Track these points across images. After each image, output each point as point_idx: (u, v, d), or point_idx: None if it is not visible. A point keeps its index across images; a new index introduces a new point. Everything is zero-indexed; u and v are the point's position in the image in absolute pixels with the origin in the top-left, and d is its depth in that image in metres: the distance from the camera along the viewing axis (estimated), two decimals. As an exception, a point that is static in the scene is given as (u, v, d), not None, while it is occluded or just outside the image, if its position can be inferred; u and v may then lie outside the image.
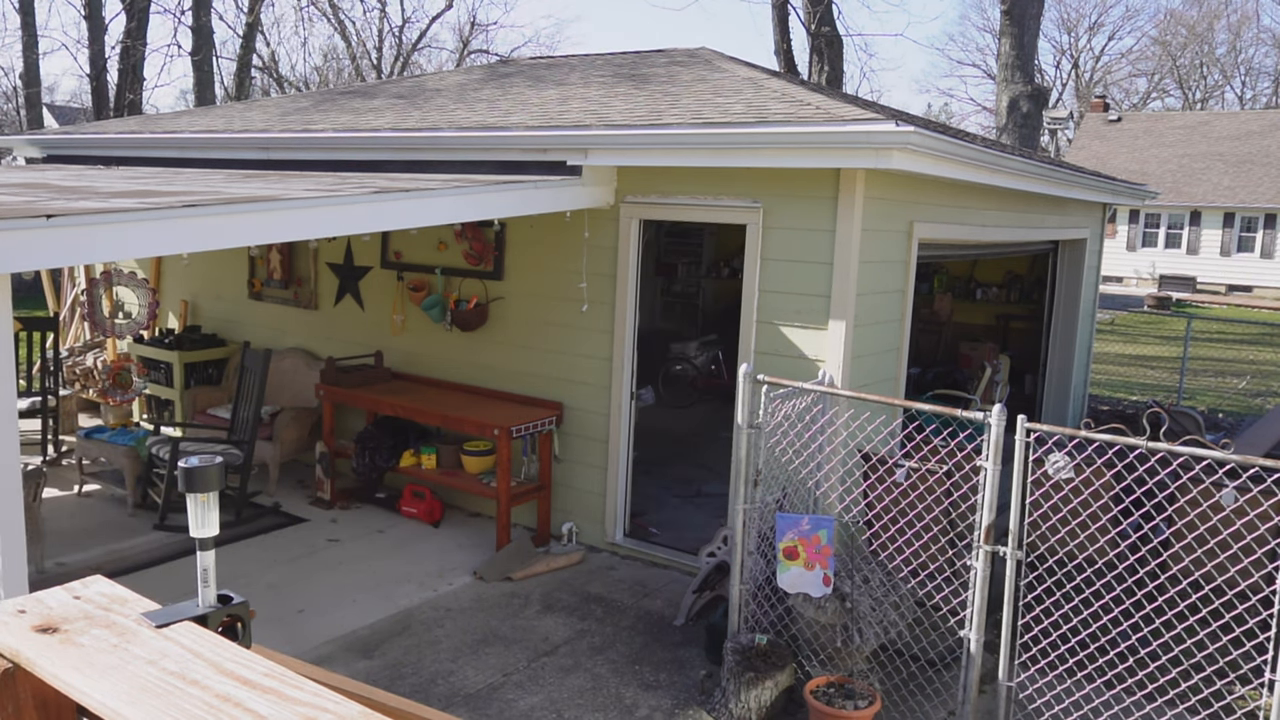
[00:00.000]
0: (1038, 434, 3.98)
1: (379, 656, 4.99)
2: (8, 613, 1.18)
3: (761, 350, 5.74)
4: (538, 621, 5.45)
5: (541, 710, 4.53)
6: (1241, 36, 48.17)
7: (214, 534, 1.27)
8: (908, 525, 4.65)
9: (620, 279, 6.30)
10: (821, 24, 17.93)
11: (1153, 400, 11.74)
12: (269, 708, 0.98)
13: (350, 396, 7.02)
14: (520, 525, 6.84)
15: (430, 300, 7.07)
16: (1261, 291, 28.52)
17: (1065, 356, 9.50)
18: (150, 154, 8.56)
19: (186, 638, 1.14)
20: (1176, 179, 30.03)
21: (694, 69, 7.75)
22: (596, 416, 6.49)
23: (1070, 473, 4.48)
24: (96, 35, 20.63)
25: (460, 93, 8.37)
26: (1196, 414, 9.82)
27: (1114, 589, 4.21)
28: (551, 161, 6.04)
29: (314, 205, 4.51)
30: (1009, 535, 4.01)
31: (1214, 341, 18.43)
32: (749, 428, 4.66)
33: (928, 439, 4.73)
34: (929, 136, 5.16)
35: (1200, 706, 4.35)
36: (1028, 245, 9.11)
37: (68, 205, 3.82)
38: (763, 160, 5.43)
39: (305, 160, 7.35)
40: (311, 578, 5.95)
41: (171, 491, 6.75)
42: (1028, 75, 16.47)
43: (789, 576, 4.49)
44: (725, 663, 4.55)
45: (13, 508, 3.49)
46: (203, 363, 8.54)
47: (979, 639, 4.14)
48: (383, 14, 32.96)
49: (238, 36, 25.11)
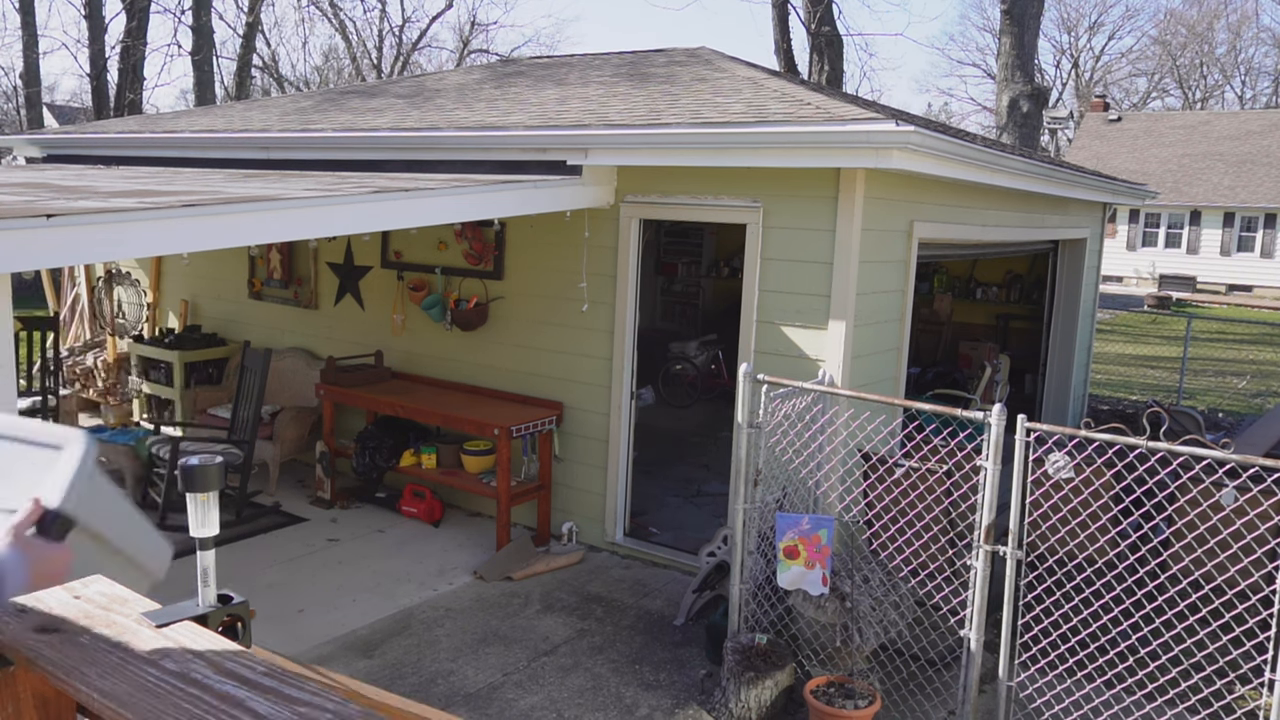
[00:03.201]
0: (1038, 433, 3.98)
1: (379, 656, 4.99)
2: (8, 612, 1.19)
3: (761, 350, 5.74)
4: (538, 621, 5.46)
5: (541, 710, 4.53)
6: (1241, 36, 48.16)
7: (214, 533, 1.27)
8: (908, 525, 4.65)
9: (620, 279, 6.30)
10: (821, 23, 17.93)
11: (1153, 400, 11.75)
12: (269, 708, 0.98)
13: (350, 396, 7.02)
14: (520, 525, 6.84)
15: (430, 300, 7.07)
16: (1261, 291, 28.52)
17: (1065, 356, 9.50)
18: (150, 154, 8.56)
19: (186, 637, 1.14)
20: (1176, 179, 30.02)
21: (694, 68, 7.75)
22: (596, 416, 6.49)
23: (1070, 472, 4.48)
24: (97, 35, 20.64)
25: (460, 92, 8.37)
26: (1197, 414, 9.83)
27: (1114, 589, 4.21)
28: (551, 161, 6.04)
29: (314, 205, 4.51)
30: (1009, 535, 4.01)
31: (1214, 341, 18.42)
32: (749, 427, 4.66)
33: (928, 439, 4.73)
34: (929, 136, 5.16)
35: (1200, 706, 4.35)
36: (1028, 245, 9.11)
37: (68, 205, 3.82)
38: (763, 160, 5.43)
39: (305, 160, 7.35)
40: (311, 577, 5.95)
41: (171, 491, 6.75)
42: (1028, 75, 16.46)
43: (790, 575, 4.49)
44: (725, 662, 4.55)
45: (13, 507, 3.48)
46: (203, 362, 8.54)
47: (979, 638, 4.14)
48: (383, 14, 32.95)
49: (238, 36, 25.14)
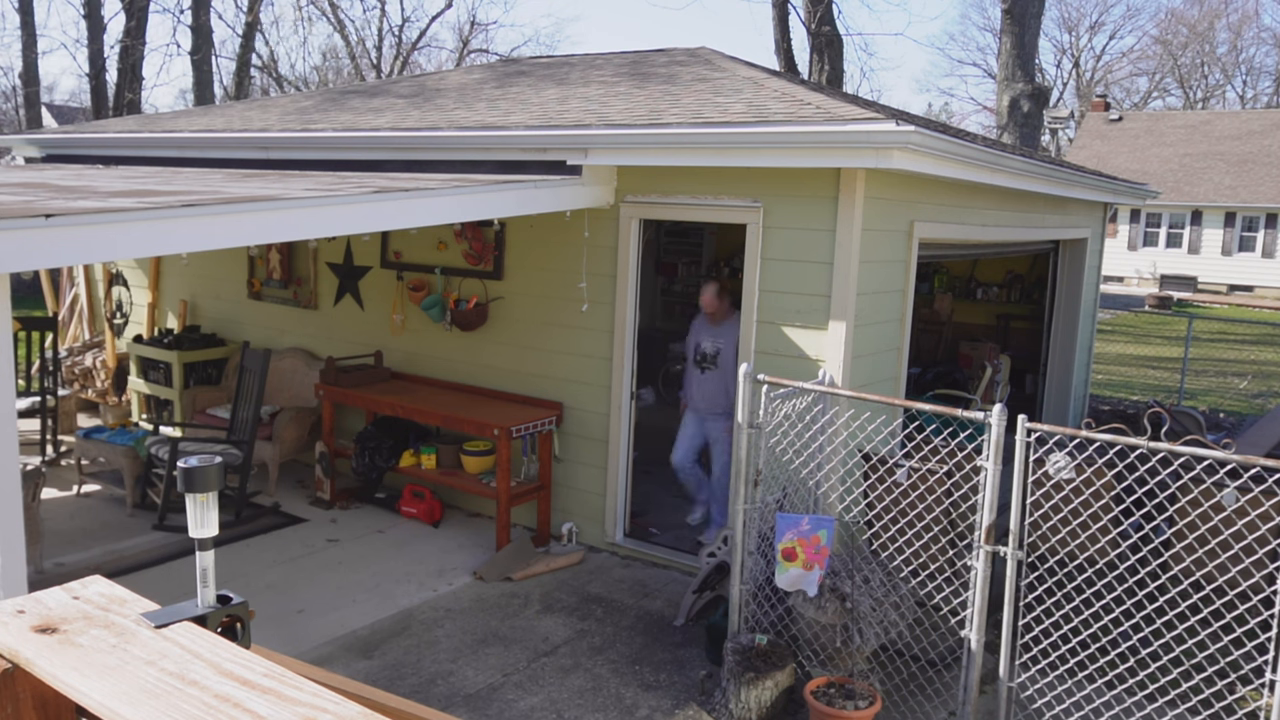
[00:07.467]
0: (1038, 434, 3.98)
1: (379, 656, 4.98)
2: (7, 613, 1.18)
3: (762, 350, 5.74)
4: (538, 621, 5.45)
5: (541, 710, 4.53)
6: (1242, 36, 48.21)
7: (213, 534, 1.26)
8: (908, 525, 4.64)
9: (620, 279, 6.29)
10: (822, 23, 17.93)
11: (1154, 400, 11.74)
12: (268, 708, 0.98)
13: (350, 396, 7.01)
14: (520, 525, 6.83)
15: (430, 300, 7.06)
16: (1263, 291, 28.52)
17: (1066, 356, 9.50)
18: (149, 154, 8.55)
19: (185, 638, 1.13)
20: (1177, 178, 30.02)
21: (694, 68, 7.74)
22: (596, 416, 6.49)
23: (1071, 473, 4.47)
24: (95, 34, 20.63)
25: (460, 92, 8.36)
26: (1198, 414, 9.82)
27: (1115, 589, 4.20)
28: (551, 161, 6.03)
29: (313, 205, 4.51)
30: (1009, 535, 4.01)
31: (1215, 341, 18.42)
32: (749, 428, 4.66)
33: (928, 439, 4.72)
34: (929, 136, 5.16)
35: (1201, 707, 4.34)
36: (1028, 245, 9.10)
37: (67, 205, 3.82)
38: (763, 160, 5.42)
39: (305, 160, 7.34)
40: (311, 578, 5.95)
41: (171, 491, 6.75)
42: (1028, 74, 16.46)
43: (788, 577, 4.49)
44: (725, 663, 4.55)
45: (11, 508, 3.48)
46: (202, 362, 8.53)
47: (980, 639, 4.13)
48: (382, 13, 32.93)
49: (237, 36, 25.13)
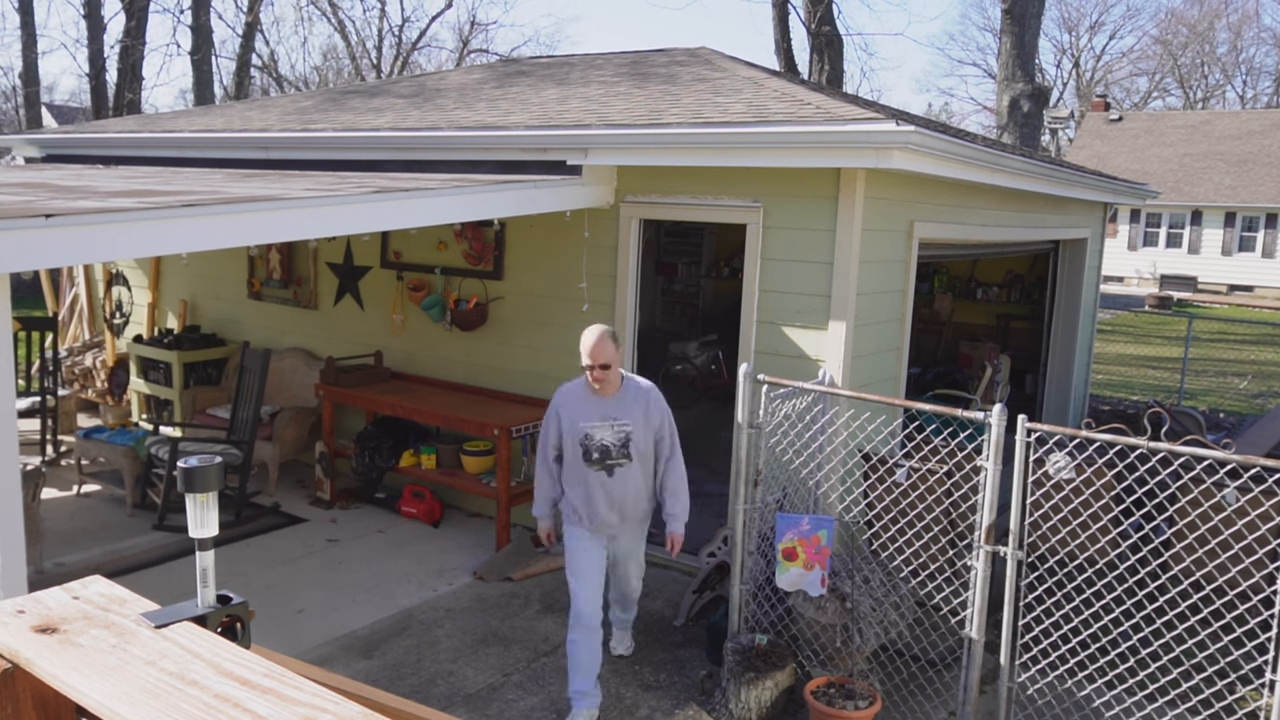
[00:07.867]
0: (1038, 434, 3.98)
1: (379, 656, 4.98)
2: (7, 613, 1.18)
3: (761, 350, 5.73)
4: (538, 621, 5.45)
5: (541, 710, 4.53)
6: (1242, 36, 48.23)
7: (213, 534, 1.26)
8: (908, 525, 4.64)
9: (620, 279, 6.29)
10: (822, 23, 17.93)
11: (1154, 400, 11.74)
12: (268, 708, 0.98)
13: (350, 396, 7.01)
14: (520, 525, 6.83)
15: (430, 300, 7.06)
16: (1263, 291, 28.52)
17: (1066, 356, 9.50)
18: (149, 154, 8.55)
19: (185, 638, 1.13)
20: (1177, 178, 30.02)
21: (694, 68, 7.74)
22: (597, 416, 6.47)
23: (1071, 473, 4.47)
24: (95, 34, 20.63)
25: (461, 92, 8.36)
26: (1198, 414, 9.82)
27: (1115, 589, 4.20)
28: (551, 161, 6.03)
29: (313, 205, 4.51)
30: (1010, 535, 4.01)
31: (1215, 341, 18.42)
32: (749, 427, 4.66)
33: (928, 439, 4.72)
34: (929, 136, 5.16)
35: (1201, 707, 4.34)
36: (1028, 245, 9.10)
37: (67, 205, 3.82)
38: (763, 160, 5.42)
39: (305, 160, 7.34)
40: (311, 578, 5.95)
41: (171, 491, 6.75)
42: (1028, 74, 16.46)
43: (788, 577, 4.49)
44: (725, 663, 4.55)
45: (11, 508, 3.48)
46: (202, 362, 8.53)
47: (980, 639, 4.13)
48: (382, 13, 32.94)
49: (237, 36, 25.14)
